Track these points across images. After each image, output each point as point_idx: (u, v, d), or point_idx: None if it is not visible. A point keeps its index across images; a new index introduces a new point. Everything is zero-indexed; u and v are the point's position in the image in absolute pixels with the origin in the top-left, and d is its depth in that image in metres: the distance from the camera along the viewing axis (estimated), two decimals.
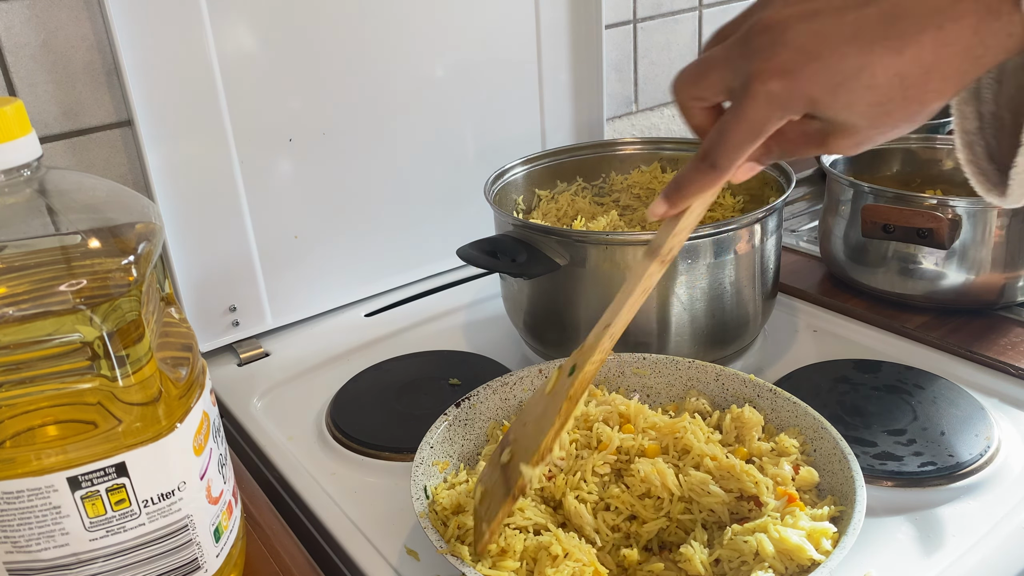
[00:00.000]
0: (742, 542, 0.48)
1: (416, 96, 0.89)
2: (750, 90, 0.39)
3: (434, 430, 0.59)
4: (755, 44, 0.39)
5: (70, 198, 0.48)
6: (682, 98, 0.44)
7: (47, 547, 0.45)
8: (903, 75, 0.36)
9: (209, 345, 0.83)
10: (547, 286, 0.73)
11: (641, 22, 1.13)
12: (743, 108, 0.40)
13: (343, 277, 0.91)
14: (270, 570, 0.57)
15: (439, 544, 0.49)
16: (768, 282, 0.76)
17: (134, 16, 0.70)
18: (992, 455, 0.62)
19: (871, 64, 0.37)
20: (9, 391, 0.43)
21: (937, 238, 0.75)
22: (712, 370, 0.63)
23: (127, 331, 0.44)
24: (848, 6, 0.37)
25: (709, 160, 0.42)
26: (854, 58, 0.37)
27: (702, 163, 0.43)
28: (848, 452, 0.53)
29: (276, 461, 0.69)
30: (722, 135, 0.41)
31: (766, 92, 0.39)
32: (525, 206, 0.88)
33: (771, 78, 0.38)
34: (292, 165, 0.83)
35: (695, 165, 0.43)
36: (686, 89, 0.43)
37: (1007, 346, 0.75)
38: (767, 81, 0.38)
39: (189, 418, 0.48)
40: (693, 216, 0.45)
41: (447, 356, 0.81)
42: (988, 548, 0.55)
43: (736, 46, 0.40)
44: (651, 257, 0.46)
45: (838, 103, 0.38)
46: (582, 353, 0.50)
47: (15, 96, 0.70)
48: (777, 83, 0.38)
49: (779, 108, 0.39)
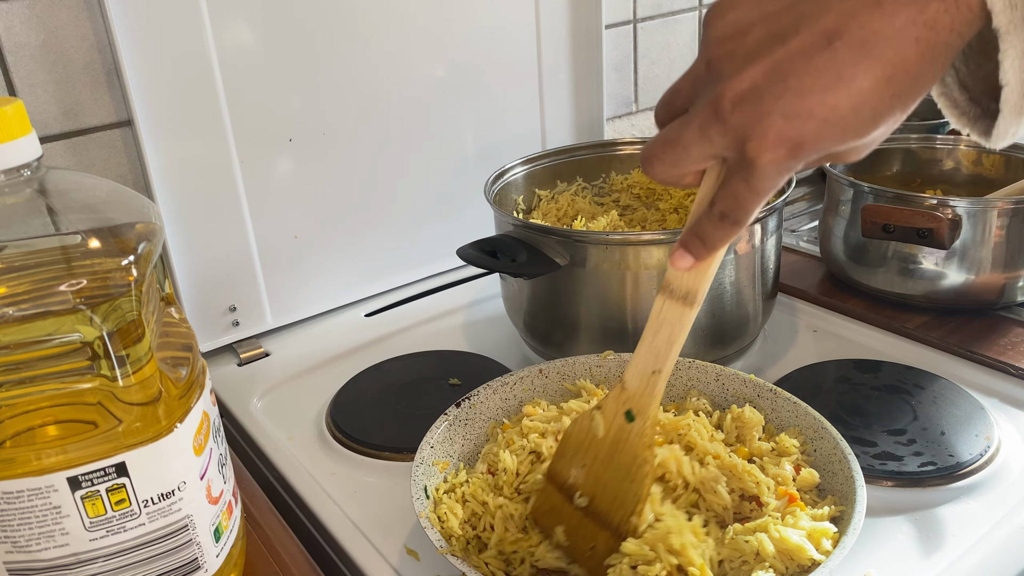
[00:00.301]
0: (743, 542, 0.48)
1: (416, 96, 0.89)
2: (757, 166, 0.39)
3: (434, 430, 0.59)
4: (737, 121, 0.38)
5: (70, 198, 0.48)
6: (663, 179, 0.43)
7: (47, 547, 0.45)
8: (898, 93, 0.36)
9: (209, 345, 0.83)
10: (547, 286, 0.73)
11: (641, 22, 1.13)
12: (754, 181, 0.40)
13: (343, 277, 0.91)
14: (270, 570, 0.57)
15: (439, 544, 0.49)
16: (768, 282, 0.76)
17: (134, 16, 0.70)
18: (992, 455, 0.62)
19: (866, 100, 0.36)
20: (9, 391, 0.43)
21: (937, 238, 0.75)
22: (712, 370, 0.63)
23: (127, 331, 0.44)
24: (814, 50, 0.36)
25: (730, 219, 0.43)
26: (846, 102, 0.36)
27: (723, 222, 0.43)
28: (848, 452, 0.53)
29: (276, 461, 0.69)
30: (737, 199, 0.41)
31: (774, 163, 0.38)
32: (525, 206, 0.88)
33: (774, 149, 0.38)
34: (292, 165, 0.83)
35: (716, 224, 0.43)
36: (667, 171, 0.43)
37: (1007, 346, 0.75)
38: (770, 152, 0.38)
39: (189, 418, 0.48)
40: (717, 260, 0.46)
41: (447, 356, 0.81)
42: (988, 548, 0.55)
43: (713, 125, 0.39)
44: (687, 304, 0.47)
45: (848, 139, 0.38)
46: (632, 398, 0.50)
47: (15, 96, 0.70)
48: (782, 152, 0.38)
49: (789, 171, 0.39)
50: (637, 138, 0.95)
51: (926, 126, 1.13)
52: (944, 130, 1.09)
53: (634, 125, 1.19)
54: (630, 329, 0.71)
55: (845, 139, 0.38)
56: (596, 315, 0.72)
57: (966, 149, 0.93)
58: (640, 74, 1.16)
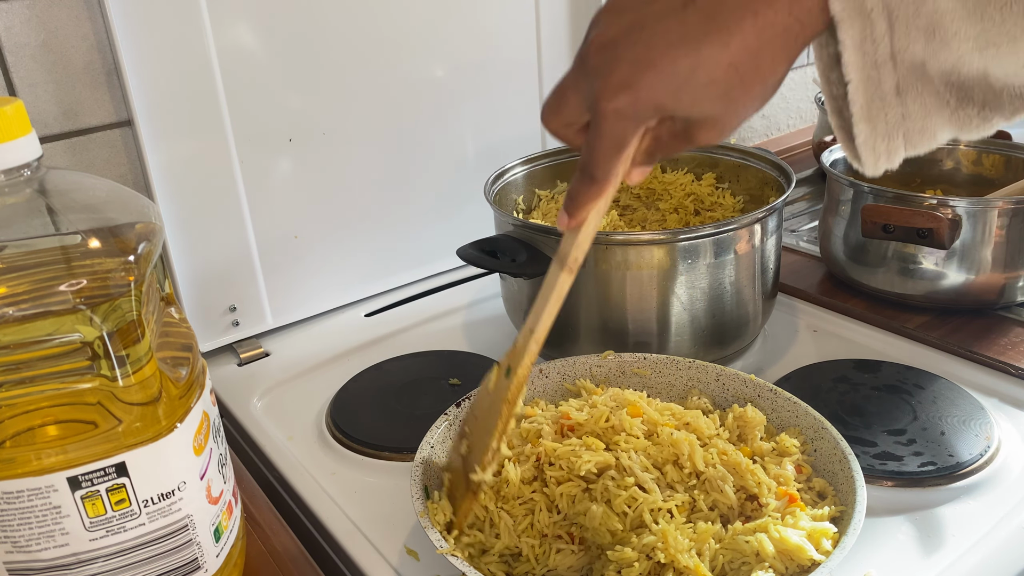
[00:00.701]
0: (743, 542, 0.48)
1: (416, 96, 0.89)
2: (599, 109, 0.42)
3: (434, 430, 0.59)
4: (592, 64, 0.42)
5: (70, 198, 0.48)
6: (552, 127, 0.47)
7: (47, 547, 0.45)
8: (735, 64, 0.38)
9: (209, 345, 0.83)
10: None
11: None
12: (599, 126, 0.43)
13: (343, 277, 0.91)
14: (270, 570, 0.57)
15: (439, 544, 0.49)
16: (768, 282, 0.76)
17: (134, 16, 0.70)
18: (992, 455, 0.62)
19: (702, 61, 0.38)
20: (9, 391, 0.43)
21: (937, 238, 0.75)
22: (712, 370, 0.63)
23: (127, 331, 0.44)
24: (669, 12, 0.39)
25: (588, 174, 0.45)
26: (685, 59, 0.39)
27: (583, 176, 0.46)
28: (848, 452, 0.53)
29: (276, 461, 0.69)
30: (591, 152, 0.44)
31: (614, 109, 0.41)
32: (525, 206, 0.88)
33: (615, 95, 0.41)
34: (292, 165, 0.83)
35: (578, 178, 0.46)
36: (552, 118, 0.46)
37: (1007, 346, 0.75)
38: (612, 98, 0.41)
39: (189, 418, 0.48)
40: (591, 226, 0.48)
41: (447, 356, 0.81)
42: (988, 548, 0.55)
43: (578, 69, 0.43)
44: (560, 266, 0.50)
45: (684, 103, 0.40)
46: (514, 355, 0.53)
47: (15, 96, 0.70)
48: (622, 98, 0.41)
49: (630, 120, 0.41)
50: None
51: None
52: None
53: None
54: (630, 329, 0.71)
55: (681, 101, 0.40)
56: (596, 315, 0.72)
57: (966, 149, 0.93)
58: None
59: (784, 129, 1.43)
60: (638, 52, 0.40)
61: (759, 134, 1.38)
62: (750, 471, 0.53)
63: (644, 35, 0.40)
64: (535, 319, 0.52)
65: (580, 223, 0.48)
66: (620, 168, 0.44)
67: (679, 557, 0.47)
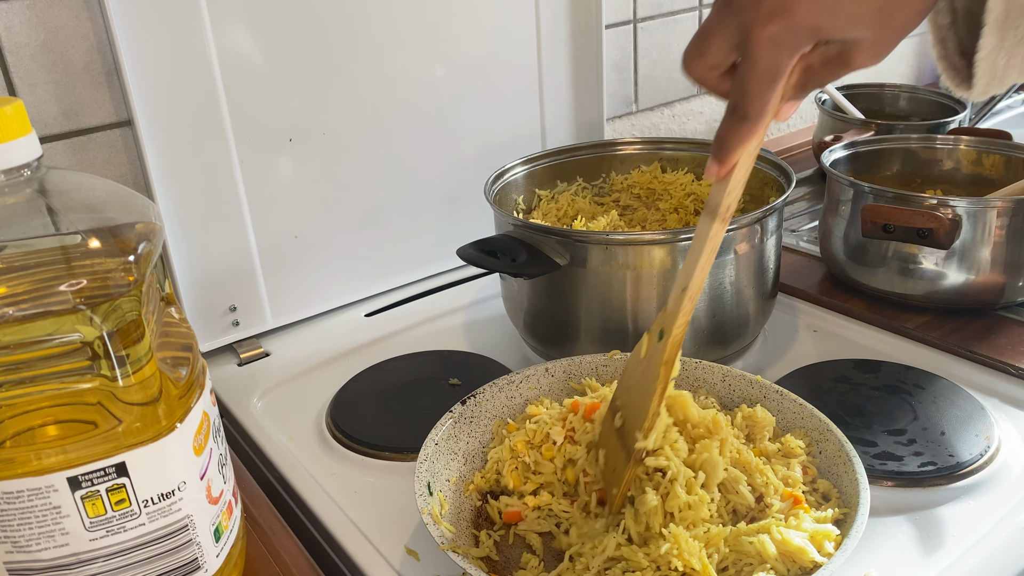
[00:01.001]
0: (746, 543, 0.48)
1: (416, 96, 0.89)
2: (752, 39, 0.40)
3: (439, 427, 0.59)
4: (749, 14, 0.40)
5: (70, 198, 0.48)
6: (695, 73, 0.45)
7: (47, 547, 0.45)
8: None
9: (209, 345, 0.83)
10: (547, 286, 0.73)
11: (641, 22, 1.13)
12: (752, 57, 0.41)
13: (343, 277, 0.91)
14: (270, 570, 0.57)
15: (440, 540, 0.49)
16: (768, 282, 0.76)
17: (134, 16, 0.70)
18: (992, 455, 0.62)
19: None
20: (9, 391, 0.43)
21: (937, 238, 0.75)
22: (719, 371, 0.63)
23: (127, 331, 0.44)
24: None
25: (739, 113, 0.43)
26: None
27: (733, 116, 0.44)
28: (853, 455, 0.53)
29: (276, 461, 0.69)
30: (742, 86, 0.42)
31: (768, 36, 0.40)
32: (525, 206, 0.88)
33: (768, 21, 0.40)
34: (292, 165, 0.83)
35: (728, 120, 0.44)
36: (695, 63, 0.45)
37: (1007, 346, 0.75)
38: (765, 25, 0.40)
39: (189, 418, 0.48)
40: (742, 171, 0.46)
41: (447, 356, 0.81)
42: (988, 548, 0.55)
43: (723, 8, 0.42)
44: (711, 217, 0.48)
45: (841, 23, 0.39)
46: (666, 318, 0.51)
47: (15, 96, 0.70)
48: (775, 25, 0.39)
49: (785, 47, 0.40)
50: (637, 138, 0.95)
51: (926, 126, 1.13)
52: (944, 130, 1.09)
53: (634, 125, 1.19)
54: (630, 329, 0.71)
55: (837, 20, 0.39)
56: (596, 315, 0.72)
57: (966, 149, 0.93)
58: (640, 74, 1.16)
59: (784, 129, 1.43)
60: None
61: None
62: (759, 471, 0.53)
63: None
64: (686, 276, 0.49)
65: (731, 169, 0.46)
66: (774, 102, 0.43)
67: (692, 561, 0.47)
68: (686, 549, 0.47)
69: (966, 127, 1.15)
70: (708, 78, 0.45)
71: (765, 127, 0.44)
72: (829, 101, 1.19)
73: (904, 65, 1.59)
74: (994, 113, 1.37)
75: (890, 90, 1.27)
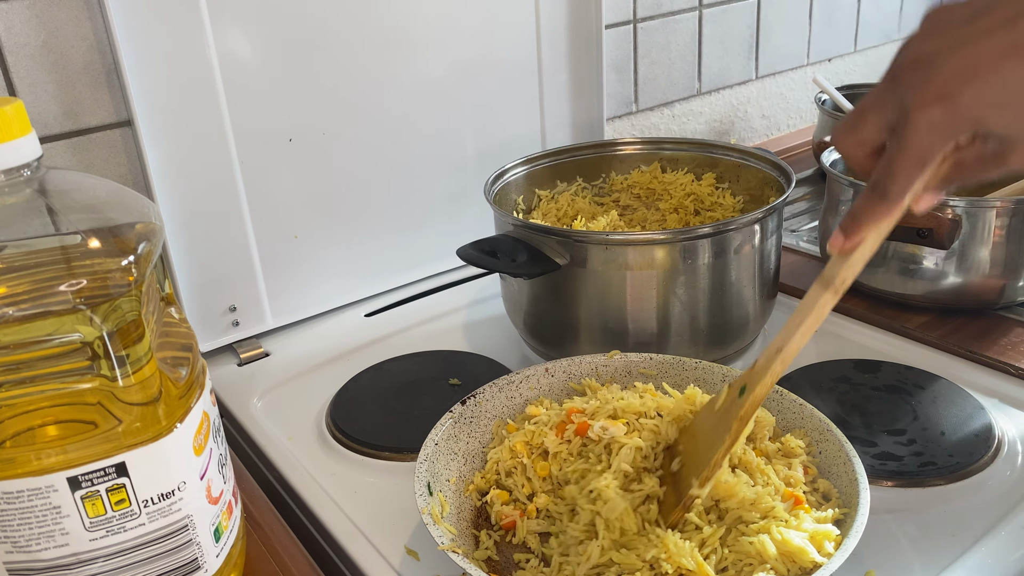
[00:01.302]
0: (745, 543, 0.48)
1: (416, 96, 0.89)
2: (910, 120, 0.40)
3: (439, 427, 0.59)
4: (906, 79, 0.40)
5: (70, 198, 0.48)
6: (844, 146, 0.45)
7: (47, 547, 0.45)
8: None
9: (209, 345, 0.83)
10: (547, 286, 0.73)
11: (641, 22, 1.13)
12: (906, 138, 0.40)
13: (343, 277, 0.91)
14: (270, 570, 0.57)
15: (440, 540, 0.49)
16: (768, 282, 0.76)
17: (134, 16, 0.70)
18: (992, 455, 0.62)
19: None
20: (9, 391, 0.43)
21: (937, 238, 0.75)
22: (719, 371, 0.63)
23: (127, 331, 0.44)
24: (997, 26, 0.38)
25: (879, 190, 0.43)
26: (1013, 71, 0.37)
27: (873, 193, 0.44)
28: (853, 455, 0.53)
29: (276, 461, 0.69)
30: (889, 166, 0.42)
31: (927, 120, 0.39)
32: (525, 206, 0.88)
33: (930, 105, 0.39)
34: (292, 165, 0.83)
35: (867, 196, 0.44)
36: (846, 137, 0.44)
37: (1007, 346, 0.75)
38: (926, 109, 0.39)
39: (189, 418, 0.48)
40: (867, 249, 0.46)
41: (447, 356, 0.81)
42: (988, 548, 0.55)
43: (887, 85, 0.41)
44: (824, 287, 0.47)
45: (1006, 118, 0.38)
46: (752, 375, 0.51)
47: (15, 96, 0.70)
48: (937, 109, 0.39)
49: (942, 133, 0.40)
50: (637, 138, 0.95)
51: None
52: None
53: (634, 125, 1.19)
54: (630, 329, 0.71)
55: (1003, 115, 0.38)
56: (596, 315, 0.72)
57: None
58: (640, 74, 1.16)
59: (784, 129, 1.43)
60: (962, 63, 0.38)
61: (759, 134, 1.38)
62: (760, 471, 0.53)
63: (969, 48, 0.38)
64: (785, 338, 0.49)
65: (856, 245, 0.46)
66: (917, 187, 0.43)
67: (683, 563, 0.47)
68: (675, 552, 0.47)
69: None
70: (856, 154, 0.45)
71: (901, 210, 0.44)
72: (829, 101, 1.19)
73: None
74: None
75: None
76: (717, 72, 1.26)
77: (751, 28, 1.27)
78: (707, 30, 1.21)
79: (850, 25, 1.43)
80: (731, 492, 0.51)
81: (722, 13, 1.22)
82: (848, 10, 1.41)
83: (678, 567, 0.47)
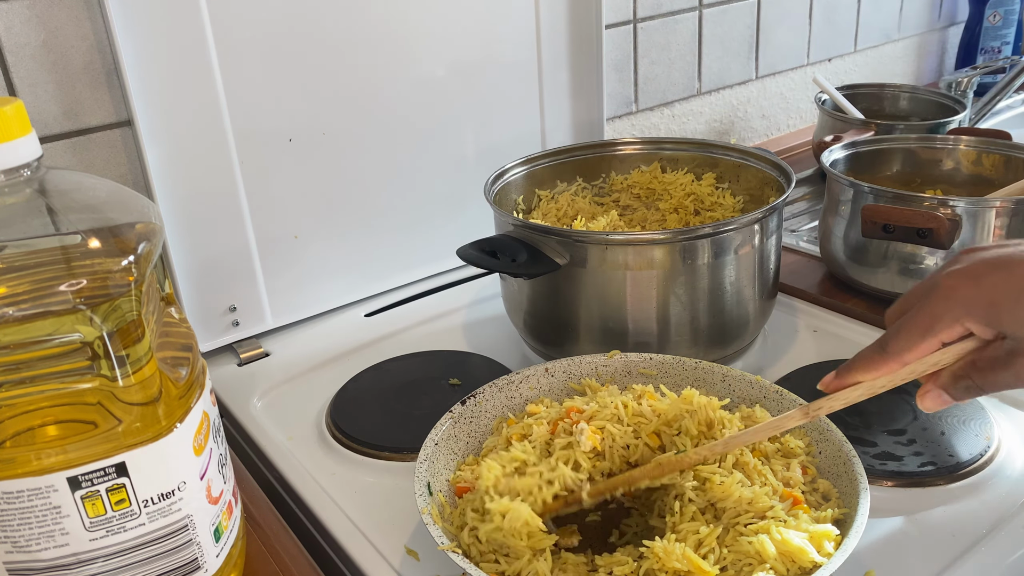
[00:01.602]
0: (745, 543, 0.48)
1: (416, 96, 0.89)
2: (935, 287, 0.44)
3: (439, 427, 0.59)
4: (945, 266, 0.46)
5: (70, 198, 0.48)
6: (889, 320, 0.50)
7: (47, 547, 0.45)
8: None
9: (209, 345, 0.83)
10: (547, 286, 0.73)
11: (641, 22, 1.13)
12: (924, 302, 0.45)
13: (343, 277, 0.91)
14: (270, 570, 0.57)
15: (440, 540, 0.49)
16: (768, 282, 0.76)
17: (134, 16, 0.70)
18: (992, 455, 0.62)
19: None
20: (9, 391, 0.43)
21: (937, 238, 0.75)
22: (719, 371, 0.63)
23: (127, 331, 0.44)
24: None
25: (880, 342, 0.47)
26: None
27: (876, 344, 0.48)
28: (853, 455, 0.53)
29: (276, 461, 0.69)
30: (899, 325, 0.46)
31: (948, 288, 0.44)
32: (525, 206, 0.88)
33: (957, 279, 0.43)
34: (292, 165, 0.83)
35: (869, 348, 0.48)
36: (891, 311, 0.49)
37: None
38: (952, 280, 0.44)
39: (189, 418, 0.48)
40: (852, 396, 0.50)
41: (447, 356, 0.81)
42: (988, 548, 0.55)
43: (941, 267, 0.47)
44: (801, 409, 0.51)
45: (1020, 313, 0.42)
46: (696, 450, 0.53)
47: (15, 96, 0.70)
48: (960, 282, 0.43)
49: (956, 306, 0.43)
50: (637, 138, 0.95)
51: (926, 126, 1.13)
52: (944, 130, 1.09)
53: (634, 125, 1.19)
54: (630, 329, 0.71)
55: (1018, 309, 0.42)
56: (596, 315, 0.72)
57: (966, 149, 0.93)
58: (640, 74, 1.16)
59: (784, 129, 1.43)
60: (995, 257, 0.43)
61: (759, 134, 1.38)
62: (758, 471, 0.53)
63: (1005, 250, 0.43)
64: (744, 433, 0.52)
65: (844, 386, 0.49)
66: (916, 351, 0.46)
67: (676, 565, 0.47)
68: (665, 557, 0.47)
69: (966, 127, 1.15)
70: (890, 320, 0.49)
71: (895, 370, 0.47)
72: (829, 101, 1.19)
73: (904, 65, 1.59)
74: (994, 113, 1.37)
75: (890, 90, 1.27)
76: (717, 72, 1.26)
77: (751, 28, 1.27)
78: (707, 30, 1.21)
79: (850, 25, 1.43)
80: (727, 492, 0.51)
81: (722, 13, 1.22)
82: (848, 10, 1.41)
83: (674, 571, 0.47)
